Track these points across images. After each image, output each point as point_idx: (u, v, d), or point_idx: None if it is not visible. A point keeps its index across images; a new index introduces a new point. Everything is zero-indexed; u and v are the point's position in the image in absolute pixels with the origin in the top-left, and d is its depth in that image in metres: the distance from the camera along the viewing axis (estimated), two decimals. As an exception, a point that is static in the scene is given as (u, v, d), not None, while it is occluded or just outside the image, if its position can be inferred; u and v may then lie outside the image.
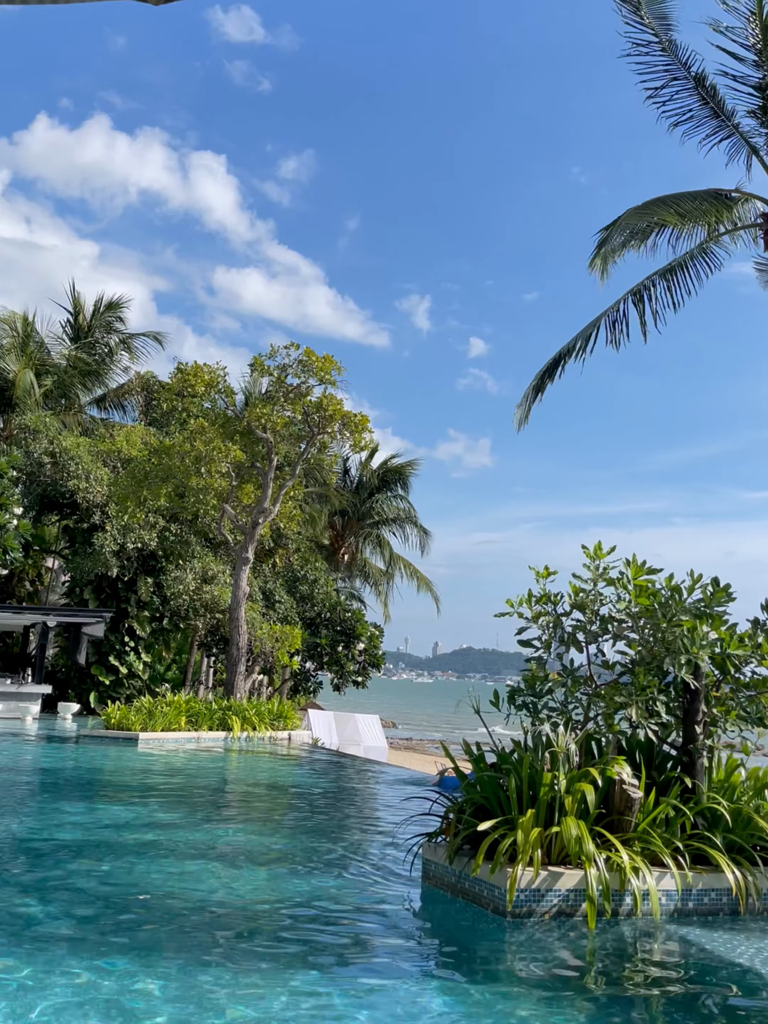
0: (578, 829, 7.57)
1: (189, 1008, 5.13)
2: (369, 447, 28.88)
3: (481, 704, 8.87)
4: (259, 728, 23.54)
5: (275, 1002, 5.30)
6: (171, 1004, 5.17)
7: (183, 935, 6.59)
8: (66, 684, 31.83)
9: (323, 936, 6.82)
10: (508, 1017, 5.36)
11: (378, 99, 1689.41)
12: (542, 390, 19.40)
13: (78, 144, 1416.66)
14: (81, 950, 6.05)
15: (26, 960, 5.78)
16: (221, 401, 29.05)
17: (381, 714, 37.96)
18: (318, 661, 37.95)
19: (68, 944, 6.18)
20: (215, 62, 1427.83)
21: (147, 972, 5.67)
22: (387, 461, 48.72)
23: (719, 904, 8.03)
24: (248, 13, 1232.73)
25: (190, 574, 32.16)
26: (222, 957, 6.09)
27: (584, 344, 18.63)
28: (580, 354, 18.65)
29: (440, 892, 8.34)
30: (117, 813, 11.74)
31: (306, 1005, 5.30)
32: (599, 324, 18.50)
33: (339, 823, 12.37)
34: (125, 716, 22.00)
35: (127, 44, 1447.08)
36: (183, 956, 6.04)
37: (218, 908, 7.40)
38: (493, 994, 5.74)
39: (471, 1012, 5.41)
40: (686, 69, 17.21)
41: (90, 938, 6.35)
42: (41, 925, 6.63)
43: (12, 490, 29.69)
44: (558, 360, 19.13)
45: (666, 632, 8.68)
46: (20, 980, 5.42)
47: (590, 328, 18.66)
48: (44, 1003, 5.08)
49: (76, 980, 5.47)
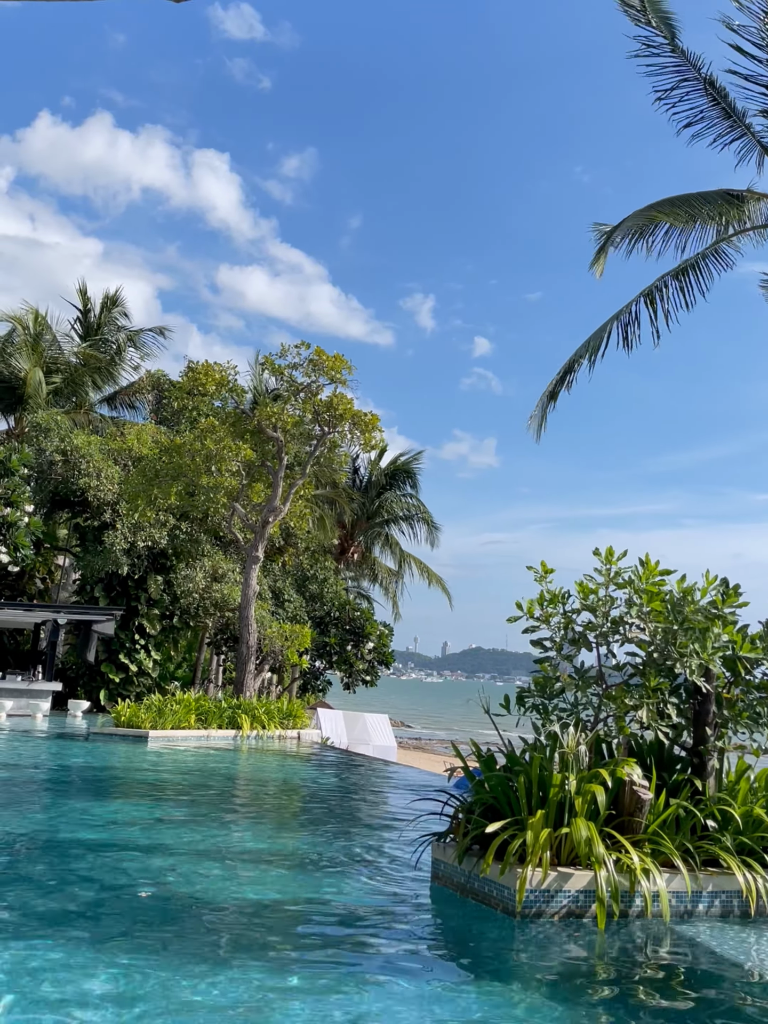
0: (588, 830, 7.57)
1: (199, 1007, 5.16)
2: (379, 446, 28.86)
3: (491, 705, 8.88)
4: (269, 727, 23.59)
5: (279, 1000, 5.32)
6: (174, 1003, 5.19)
7: (194, 933, 6.62)
8: (76, 682, 31.94)
9: (330, 936, 6.83)
10: (517, 1018, 5.37)
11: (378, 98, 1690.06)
12: (555, 397, 19.37)
13: (80, 142, 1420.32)
14: (90, 945, 6.08)
15: (27, 956, 5.81)
16: (231, 400, 29.10)
17: (390, 714, 37.97)
18: (327, 660, 38.00)
19: (78, 938, 6.20)
20: (216, 60, 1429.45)
21: (153, 969, 5.69)
22: (396, 459, 48.75)
23: (729, 906, 8.03)
24: (248, 11, 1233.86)
25: (200, 572, 32.23)
26: (229, 954, 6.11)
27: (596, 348, 18.59)
28: (593, 358, 18.61)
29: (449, 892, 8.36)
30: (126, 811, 11.79)
31: (314, 1004, 5.32)
32: (611, 327, 18.46)
33: (348, 822, 12.39)
34: (135, 714, 22.07)
35: (128, 41, 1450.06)
36: (190, 954, 6.07)
37: (226, 906, 7.43)
38: (502, 995, 5.75)
39: (481, 1012, 5.42)
40: (696, 70, 17.17)
41: (98, 932, 6.38)
42: (45, 919, 6.66)
43: (23, 488, 29.81)
44: (571, 367, 19.09)
45: (677, 634, 8.68)
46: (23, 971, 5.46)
47: (601, 332, 18.62)
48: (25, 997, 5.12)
49: (80, 973, 5.50)
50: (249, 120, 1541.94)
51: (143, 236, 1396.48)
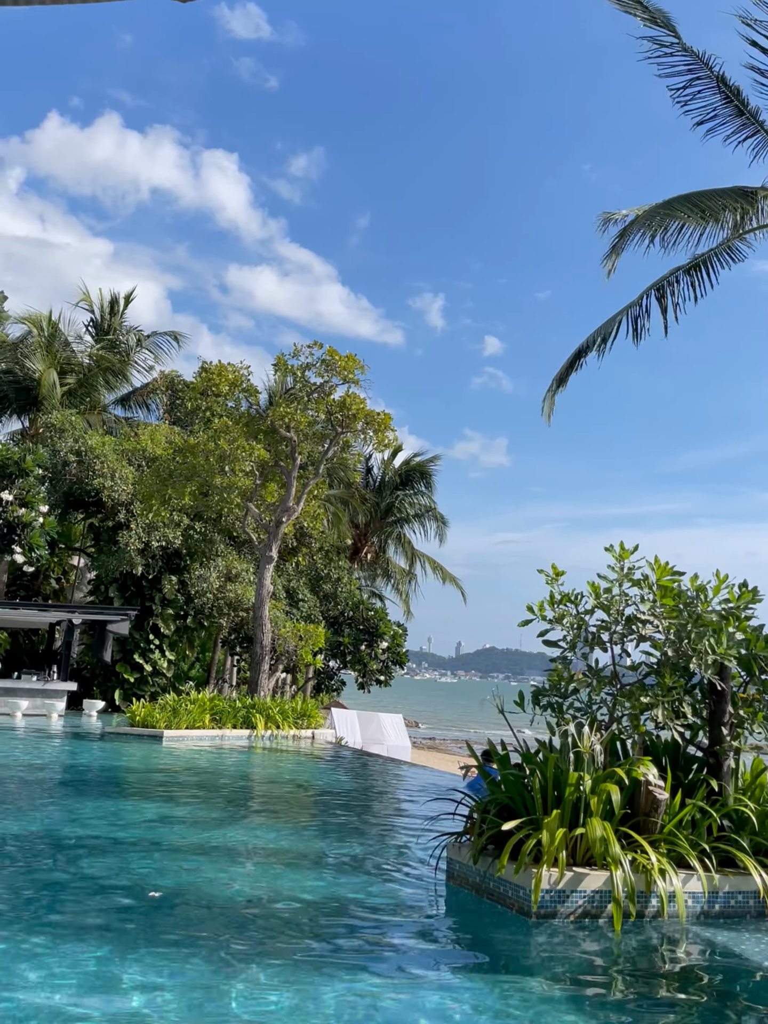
0: (603, 830, 7.55)
1: (219, 1003, 5.17)
2: (392, 446, 28.83)
3: (505, 704, 8.87)
4: (283, 726, 23.61)
5: (296, 998, 5.33)
6: (191, 1003, 5.21)
7: (210, 933, 6.63)
8: (91, 681, 32.06)
9: (346, 935, 6.83)
10: (533, 1018, 5.36)
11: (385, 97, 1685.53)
12: (564, 383, 19.34)
13: (89, 142, 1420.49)
14: (106, 942, 6.10)
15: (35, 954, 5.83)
16: (245, 401, 29.15)
17: (404, 713, 37.96)
18: (341, 660, 38.02)
19: (91, 937, 6.23)
20: (222, 60, 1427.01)
21: (171, 968, 5.71)
22: (409, 459, 48.75)
23: (746, 907, 7.99)
24: (254, 10, 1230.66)
25: (214, 572, 32.30)
26: (244, 954, 6.12)
27: (605, 339, 18.56)
28: (601, 347, 18.59)
29: (464, 892, 8.35)
30: (142, 810, 11.82)
31: (330, 1002, 5.32)
32: (620, 319, 18.42)
33: (363, 822, 12.39)
34: (150, 713, 22.14)
35: (135, 42, 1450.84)
36: (204, 954, 6.08)
37: (244, 906, 7.44)
38: (517, 995, 5.74)
39: (496, 1012, 5.41)
40: (708, 68, 17.10)
41: (117, 931, 6.40)
42: (58, 919, 6.69)
43: (38, 488, 29.93)
44: (580, 354, 19.09)
45: (692, 633, 8.64)
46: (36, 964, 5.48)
47: (611, 323, 18.58)
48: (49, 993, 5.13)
49: (91, 969, 5.52)
50: (257, 120, 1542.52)
51: (152, 236, 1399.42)
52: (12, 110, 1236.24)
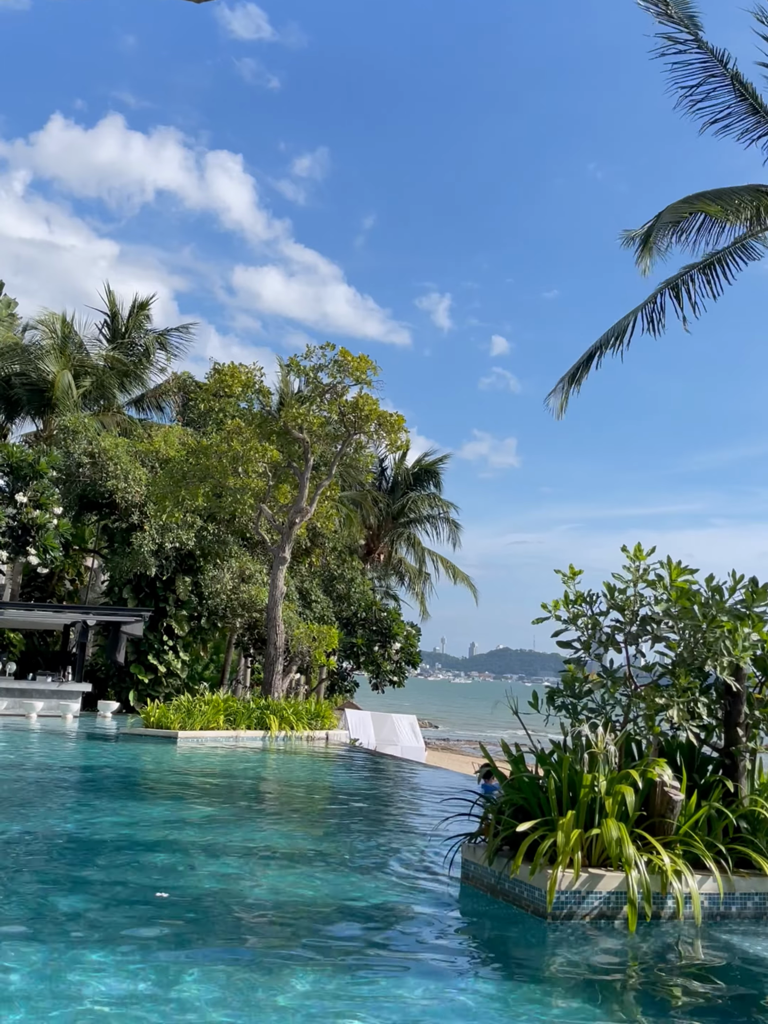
0: (618, 831, 7.52)
1: (235, 1003, 5.17)
2: (404, 447, 28.82)
3: (519, 705, 8.84)
4: (297, 727, 23.62)
5: (310, 998, 5.32)
6: (218, 1007, 5.21)
7: (227, 932, 6.64)
8: (106, 682, 32.16)
9: (360, 936, 6.83)
10: (549, 1019, 5.34)
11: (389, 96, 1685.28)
12: (578, 381, 19.25)
13: (94, 144, 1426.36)
14: (120, 941, 6.11)
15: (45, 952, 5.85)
16: (257, 402, 29.19)
17: (418, 714, 37.94)
18: (355, 661, 38.03)
19: (102, 938, 6.24)
20: (224, 60, 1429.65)
21: (193, 969, 5.71)
22: (421, 459, 48.77)
23: (763, 908, 7.95)
24: (255, 11, 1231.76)
25: (227, 573, 32.36)
26: (261, 954, 6.12)
27: (621, 336, 18.49)
28: (616, 345, 18.52)
29: (479, 893, 8.33)
30: (157, 811, 11.85)
31: (345, 1001, 5.31)
32: (635, 317, 18.36)
33: (377, 823, 12.39)
34: (164, 714, 22.18)
35: (137, 43, 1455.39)
36: (225, 952, 6.08)
37: (259, 906, 7.44)
38: (533, 996, 5.72)
39: (511, 1013, 5.39)
40: (723, 66, 17.02)
41: (130, 931, 6.41)
42: (74, 920, 6.70)
43: (52, 490, 30.05)
44: (595, 351, 19.01)
45: (706, 633, 8.60)
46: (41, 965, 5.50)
47: (625, 321, 18.52)
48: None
49: (102, 970, 5.53)
50: (260, 120, 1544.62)
51: (158, 238, 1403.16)
52: (16, 112, 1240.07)
